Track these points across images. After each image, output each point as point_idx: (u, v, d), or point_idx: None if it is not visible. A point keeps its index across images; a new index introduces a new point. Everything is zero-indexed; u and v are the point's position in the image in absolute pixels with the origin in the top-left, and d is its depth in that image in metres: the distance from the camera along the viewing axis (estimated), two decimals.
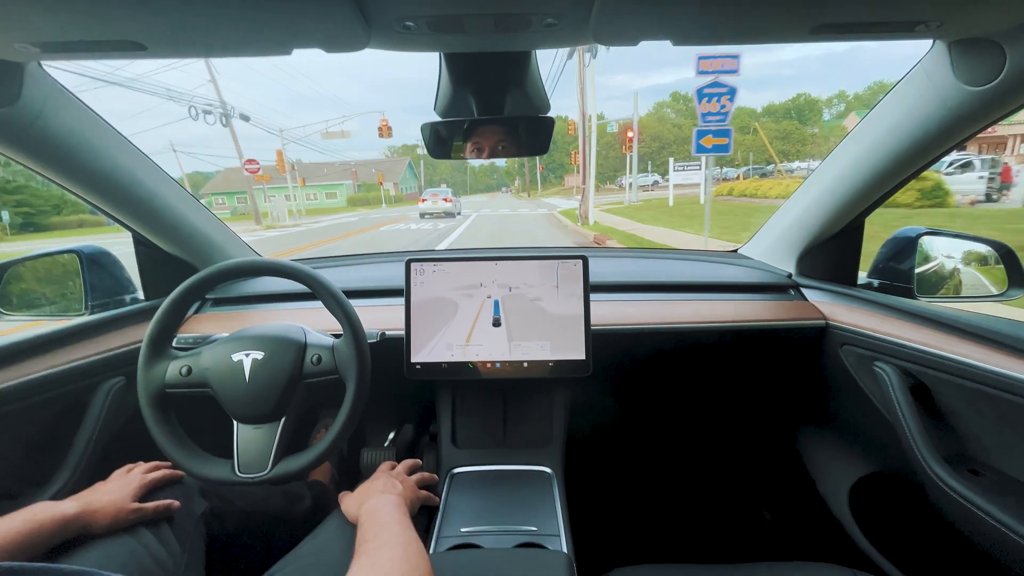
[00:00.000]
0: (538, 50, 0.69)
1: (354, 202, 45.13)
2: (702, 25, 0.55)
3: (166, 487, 0.77)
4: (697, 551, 1.29)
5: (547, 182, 68.51)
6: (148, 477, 0.75)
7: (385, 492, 0.72)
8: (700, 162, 13.79)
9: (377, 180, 42.63)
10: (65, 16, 0.49)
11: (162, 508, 0.72)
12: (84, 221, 27.24)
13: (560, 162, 63.97)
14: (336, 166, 49.68)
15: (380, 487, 0.74)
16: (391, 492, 0.72)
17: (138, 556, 0.64)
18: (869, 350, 0.91)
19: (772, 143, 47.25)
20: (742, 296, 1.12)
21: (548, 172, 67.12)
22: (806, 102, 62.16)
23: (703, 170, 13.62)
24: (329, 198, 48.88)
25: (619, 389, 1.36)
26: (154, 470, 0.78)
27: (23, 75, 0.67)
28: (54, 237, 21.83)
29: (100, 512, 0.65)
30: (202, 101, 17.30)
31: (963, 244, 1.01)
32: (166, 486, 0.77)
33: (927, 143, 0.77)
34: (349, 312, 0.76)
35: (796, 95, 64.46)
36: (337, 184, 48.83)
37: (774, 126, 53.35)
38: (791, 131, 52.23)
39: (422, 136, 0.78)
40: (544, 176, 63.36)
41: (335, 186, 48.91)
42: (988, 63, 0.61)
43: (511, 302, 0.95)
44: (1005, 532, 0.66)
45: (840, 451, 1.11)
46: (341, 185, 48.75)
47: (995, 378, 0.68)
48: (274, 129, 21.80)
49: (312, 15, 0.50)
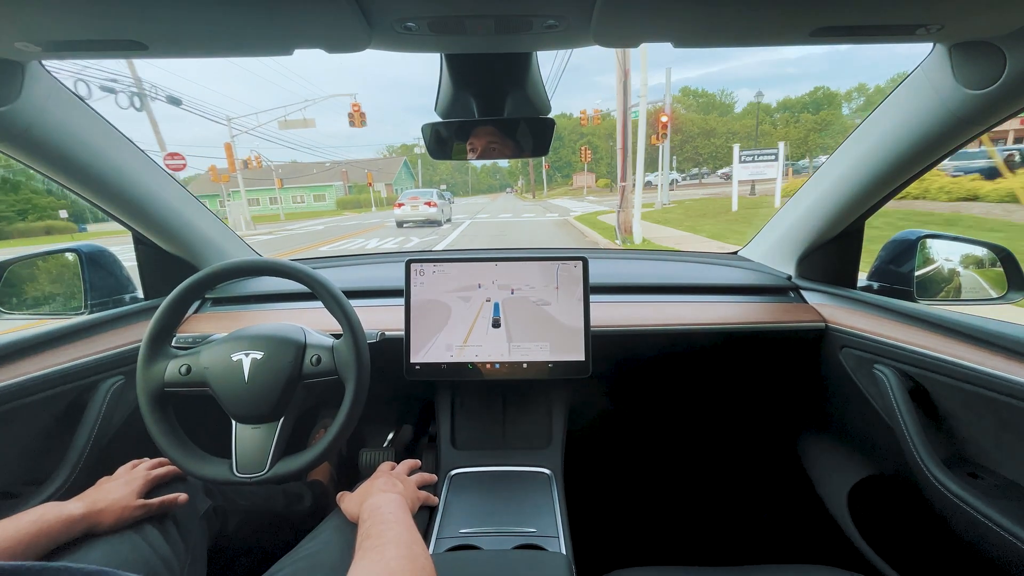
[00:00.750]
0: (539, 51, 0.70)
1: (344, 205, 41.08)
2: (702, 27, 0.55)
3: (171, 484, 0.77)
4: (696, 553, 1.29)
5: (552, 182, 66.41)
6: (153, 473, 0.75)
7: (386, 491, 0.71)
8: (776, 150, 11.24)
9: (367, 181, 39.59)
10: (67, 16, 0.49)
11: (168, 503, 0.72)
12: (52, 228, 23.50)
13: (567, 160, 64.10)
14: (327, 166, 47.39)
15: (381, 486, 0.74)
16: (392, 491, 0.72)
17: (144, 554, 0.65)
18: (868, 353, 0.91)
19: (808, 136, 45.06)
20: (742, 298, 1.12)
21: (553, 171, 64.77)
22: (824, 96, 56.99)
23: (780, 161, 11.04)
24: (317, 200, 44.99)
25: (619, 390, 1.36)
26: (159, 466, 0.79)
27: (24, 74, 0.67)
28: (15, 245, 17.18)
29: (106, 510, 0.66)
30: (102, 76, 11.79)
31: (963, 247, 1.01)
32: (171, 483, 0.77)
33: (927, 146, 0.77)
34: (349, 312, 0.76)
35: (814, 88, 59.84)
36: (326, 186, 45.15)
37: (811, 117, 49.49)
38: (831, 120, 46.93)
39: (423, 137, 0.78)
40: (549, 175, 60.90)
41: (323, 188, 45.16)
42: (988, 66, 0.61)
43: (511, 303, 0.95)
44: (1003, 535, 0.66)
45: (839, 453, 1.11)
46: (330, 187, 45.00)
47: (994, 381, 0.68)
48: (219, 117, 18.90)
49: (313, 16, 0.50)
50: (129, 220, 1.00)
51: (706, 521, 1.35)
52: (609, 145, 44.73)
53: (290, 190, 43.98)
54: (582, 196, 34.78)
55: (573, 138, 62.32)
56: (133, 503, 0.68)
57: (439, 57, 0.69)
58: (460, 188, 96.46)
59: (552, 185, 63.30)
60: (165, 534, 0.69)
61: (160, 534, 0.69)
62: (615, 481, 1.40)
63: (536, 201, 36.71)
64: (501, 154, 0.81)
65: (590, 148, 42.23)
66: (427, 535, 0.78)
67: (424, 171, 77.66)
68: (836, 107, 56.07)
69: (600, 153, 53.77)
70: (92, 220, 21.37)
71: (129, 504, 0.68)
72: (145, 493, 0.72)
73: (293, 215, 34.43)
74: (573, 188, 48.75)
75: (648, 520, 1.37)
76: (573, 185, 52.18)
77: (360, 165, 53.77)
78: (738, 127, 48.80)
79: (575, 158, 59.70)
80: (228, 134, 18.23)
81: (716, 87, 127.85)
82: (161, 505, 0.71)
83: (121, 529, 0.67)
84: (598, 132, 52.36)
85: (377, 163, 58.01)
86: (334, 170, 46.72)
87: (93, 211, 1.19)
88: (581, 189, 45.65)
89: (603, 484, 1.36)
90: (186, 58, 0.60)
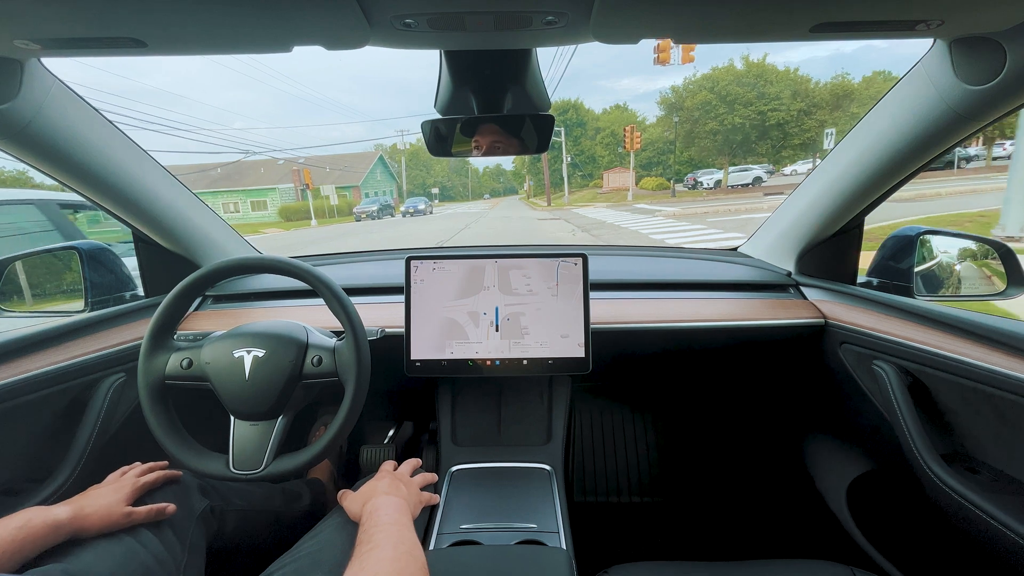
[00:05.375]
0: (539, 48, 0.69)
1: (288, 214, 29.35)
2: (702, 23, 0.55)
3: (161, 489, 0.76)
4: (696, 548, 1.29)
5: (571, 181, 40.86)
6: (142, 480, 0.73)
7: (389, 493, 0.71)
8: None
9: (324, 184, 28.51)
10: (66, 13, 0.49)
11: (154, 513, 0.69)
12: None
13: (590, 153, 43.76)
14: (280, 165, 35.62)
15: (384, 488, 0.73)
16: (395, 494, 0.71)
17: (137, 554, 0.64)
18: (868, 348, 0.91)
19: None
20: (742, 295, 1.12)
21: (573, 168, 42.82)
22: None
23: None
24: (257, 209, 33.70)
25: (619, 387, 1.36)
26: (149, 472, 0.77)
27: (23, 71, 0.67)
28: None
29: (92, 516, 0.64)
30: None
31: (962, 243, 1.01)
32: (161, 489, 0.76)
33: (927, 142, 0.77)
34: (350, 310, 0.76)
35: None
36: (267, 189, 33.22)
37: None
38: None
39: (422, 133, 0.78)
40: (569, 173, 33.87)
41: (264, 192, 33.19)
42: (988, 62, 0.61)
43: (511, 300, 0.95)
44: (1002, 529, 0.66)
45: (838, 449, 1.11)
46: (273, 190, 33.05)
47: (993, 377, 0.68)
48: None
49: (313, 12, 0.50)
50: (129, 218, 1.00)
51: (706, 516, 1.36)
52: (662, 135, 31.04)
53: (221, 195, 32.80)
54: (625, 202, 21.96)
55: (594, 127, 45.04)
56: (120, 511, 0.66)
57: (438, 54, 0.69)
58: (458, 192, 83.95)
59: (572, 186, 39.82)
60: (159, 534, 0.69)
61: (154, 535, 0.68)
62: (615, 477, 1.40)
63: (554, 209, 23.47)
64: (501, 151, 0.81)
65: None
66: (428, 531, 0.79)
67: (416, 172, 65.87)
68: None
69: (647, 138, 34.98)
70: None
71: (116, 511, 0.66)
72: (134, 500, 0.70)
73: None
74: (605, 191, 32.18)
75: (648, 515, 1.37)
76: (605, 187, 34.02)
77: (322, 162, 41.24)
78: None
79: (603, 151, 42.86)
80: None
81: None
82: (148, 514, 0.69)
83: (108, 535, 0.65)
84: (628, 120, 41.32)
85: (343, 160, 43.40)
86: (287, 169, 34.44)
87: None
88: (620, 192, 29.09)
89: (603, 480, 1.37)
90: (185, 55, 0.60)
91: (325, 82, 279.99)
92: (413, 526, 0.64)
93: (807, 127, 24.13)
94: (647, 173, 36.79)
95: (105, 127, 0.86)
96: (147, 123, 44.43)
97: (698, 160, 28.33)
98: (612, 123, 44.65)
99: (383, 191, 43.54)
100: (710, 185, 24.73)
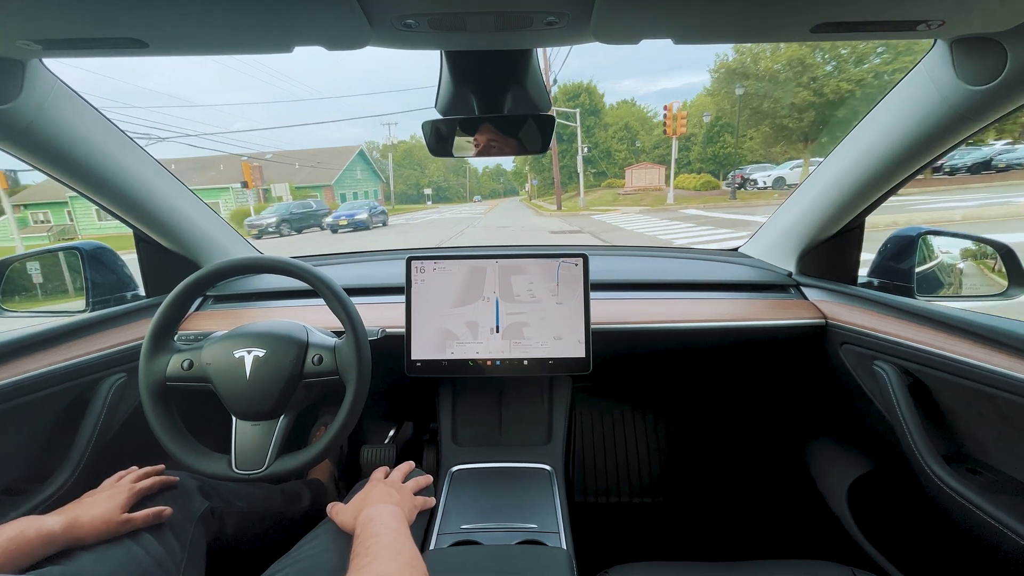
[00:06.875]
0: (539, 48, 0.69)
1: (240, 218, 19.70)
2: (702, 23, 0.55)
3: (159, 495, 0.74)
4: (696, 548, 1.29)
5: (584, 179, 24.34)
6: (138, 486, 0.71)
7: (383, 502, 0.68)
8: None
9: (247, 179, 18.33)
10: (68, 14, 0.49)
11: (151, 517, 0.68)
12: None
13: (607, 147, 37.36)
14: (245, 161, 21.53)
15: (377, 496, 0.70)
16: (388, 501, 0.69)
17: (136, 557, 0.63)
18: (869, 349, 0.91)
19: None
20: (742, 295, 1.12)
21: (587, 165, 31.36)
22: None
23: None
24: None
25: (619, 387, 1.36)
26: (145, 477, 0.75)
27: (24, 72, 0.67)
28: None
29: (88, 526, 0.63)
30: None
31: (963, 244, 1.01)
32: (159, 494, 0.74)
33: (928, 142, 0.77)
34: (351, 311, 0.76)
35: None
36: (220, 189, 25.94)
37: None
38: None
39: (423, 133, 0.78)
40: (583, 169, 21.83)
41: (216, 192, 25.81)
42: (989, 62, 0.61)
43: (511, 300, 0.95)
44: (1003, 530, 0.66)
45: (839, 449, 1.11)
46: (226, 190, 25.84)
47: (994, 377, 0.68)
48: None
49: (314, 13, 0.50)
50: (131, 218, 1.00)
51: (706, 517, 1.36)
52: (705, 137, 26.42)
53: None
54: (665, 206, 16.35)
55: (612, 117, 40.23)
56: (117, 518, 0.65)
57: (439, 54, 0.69)
58: (456, 193, 77.75)
59: (588, 186, 29.39)
60: (158, 536, 0.68)
61: (153, 536, 0.67)
62: (616, 476, 1.40)
63: (568, 215, 17.02)
64: (501, 151, 0.81)
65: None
66: (427, 532, 0.79)
67: (410, 171, 61.75)
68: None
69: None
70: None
71: (112, 519, 0.65)
72: (131, 507, 0.69)
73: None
74: (628, 191, 24.17)
75: (649, 515, 1.37)
76: (628, 186, 25.64)
77: (289, 157, 33.82)
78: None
79: (618, 145, 37.57)
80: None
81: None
82: (146, 519, 0.68)
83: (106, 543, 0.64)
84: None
85: (317, 155, 35.07)
86: (265, 165, 24.86)
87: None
88: (648, 193, 22.42)
89: (604, 479, 1.37)
90: (186, 55, 0.60)
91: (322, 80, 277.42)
92: (410, 534, 0.62)
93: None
94: (681, 170, 28.73)
95: (106, 127, 0.86)
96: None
97: (759, 151, 22.75)
98: (622, 117, 42.05)
99: (364, 191, 36.72)
100: (766, 184, 18.16)
